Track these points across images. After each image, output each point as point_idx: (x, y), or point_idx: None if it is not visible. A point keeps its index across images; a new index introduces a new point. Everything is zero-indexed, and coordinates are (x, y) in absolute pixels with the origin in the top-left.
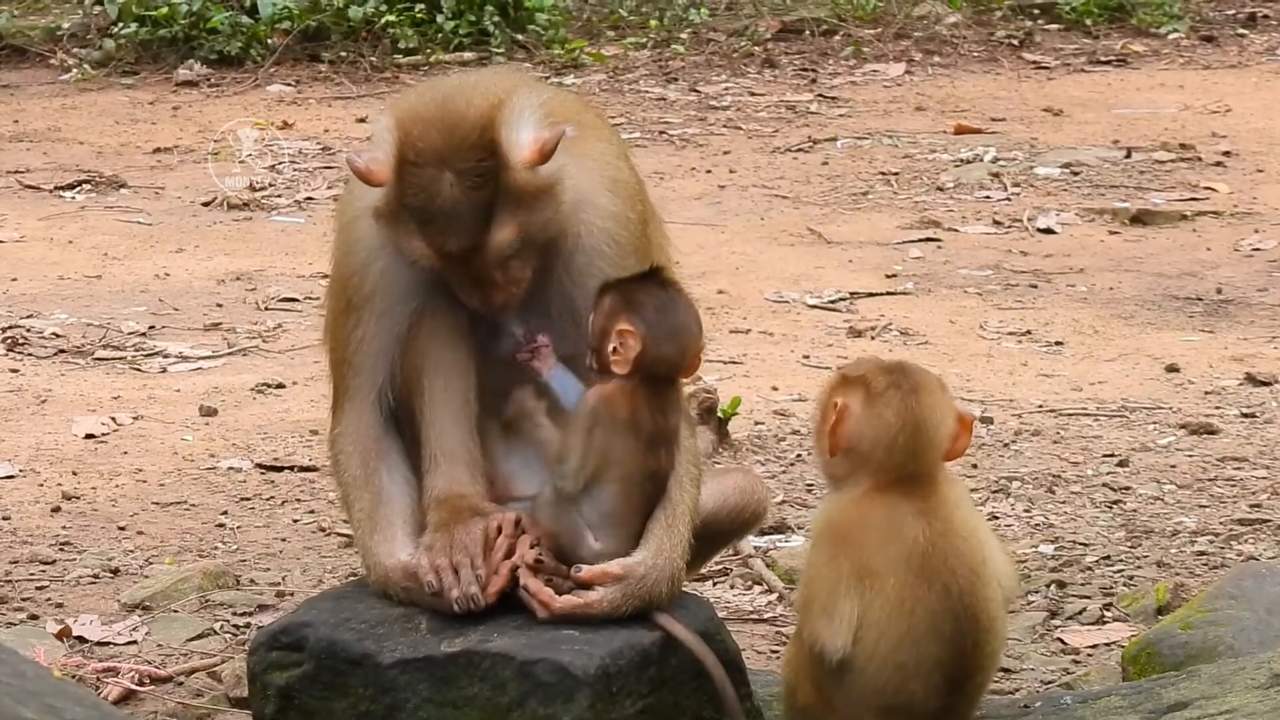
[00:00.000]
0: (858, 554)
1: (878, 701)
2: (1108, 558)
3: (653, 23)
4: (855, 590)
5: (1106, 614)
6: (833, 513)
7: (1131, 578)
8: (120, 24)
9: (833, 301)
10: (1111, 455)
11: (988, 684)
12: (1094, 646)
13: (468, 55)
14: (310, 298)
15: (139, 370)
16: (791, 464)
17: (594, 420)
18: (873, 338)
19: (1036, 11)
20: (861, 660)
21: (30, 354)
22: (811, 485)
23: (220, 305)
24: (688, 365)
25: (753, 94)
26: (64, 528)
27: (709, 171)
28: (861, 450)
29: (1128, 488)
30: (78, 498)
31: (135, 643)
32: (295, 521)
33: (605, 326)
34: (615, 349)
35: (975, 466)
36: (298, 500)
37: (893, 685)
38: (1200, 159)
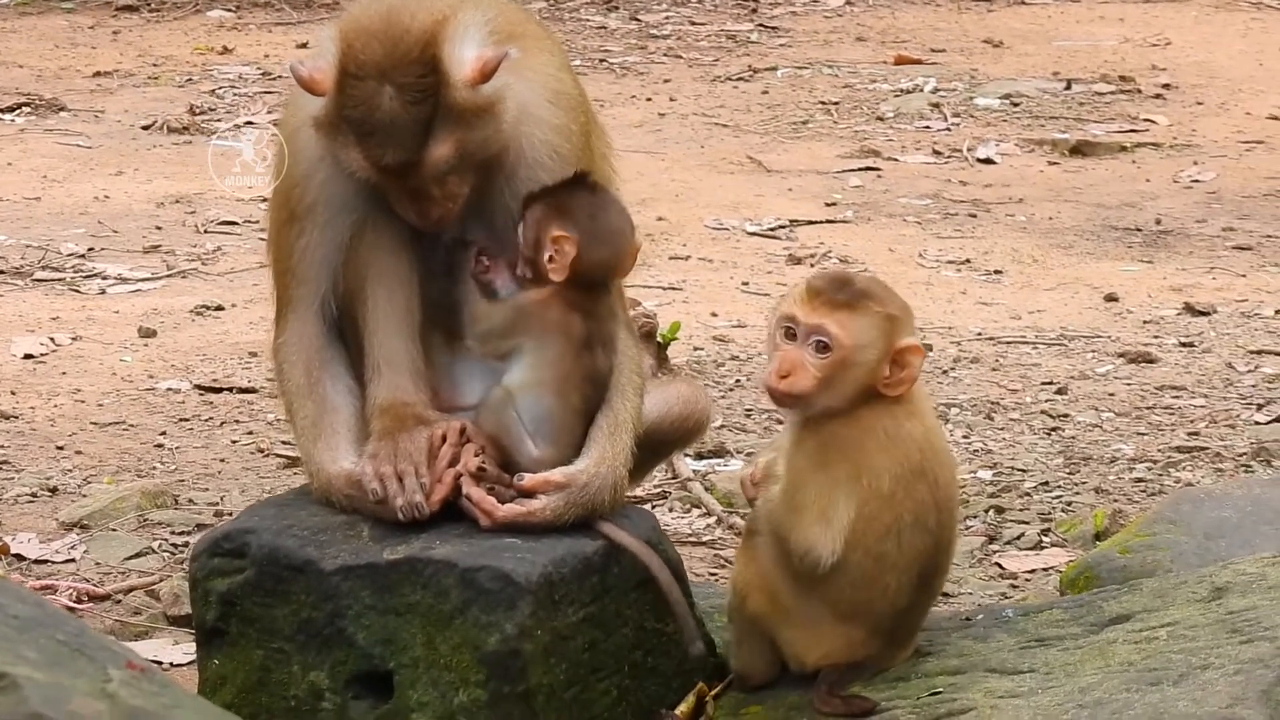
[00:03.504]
0: (855, 458)
1: (847, 598)
2: (1046, 484)
3: None
4: (853, 494)
5: (1044, 539)
6: (822, 424)
7: (1069, 504)
8: None
9: (772, 229)
10: (1050, 383)
11: (945, 580)
12: (1032, 571)
13: None
14: (250, 221)
15: (78, 291)
16: (730, 389)
17: (520, 317)
18: (812, 265)
19: None
20: (844, 552)
21: None
22: (750, 410)
23: (159, 228)
24: (622, 266)
25: (693, 23)
26: (2, 446)
27: (649, 100)
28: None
29: (1066, 415)
30: (16, 417)
31: (73, 561)
32: (234, 442)
33: (539, 235)
34: (551, 256)
35: None
36: (236, 421)
37: (869, 578)
38: (1140, 91)
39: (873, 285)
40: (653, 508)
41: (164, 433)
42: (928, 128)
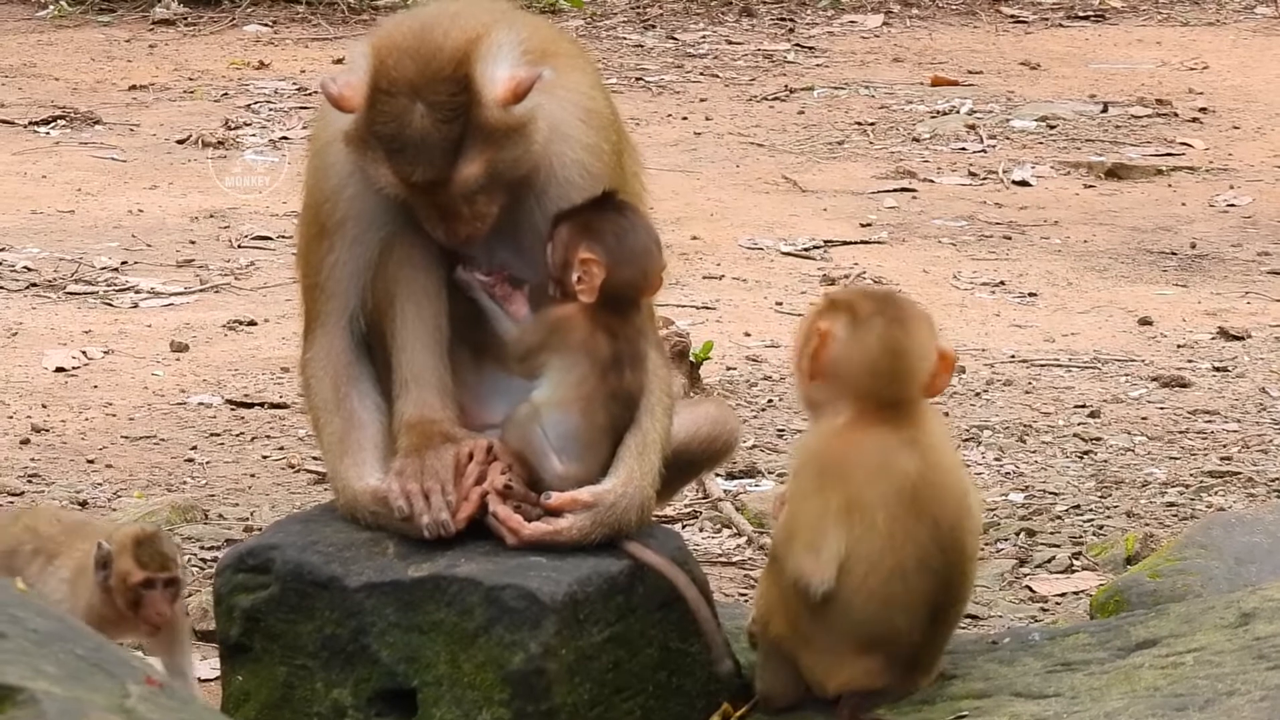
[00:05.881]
0: (846, 487)
1: (860, 633)
2: (1077, 507)
3: None
4: (843, 524)
5: (1075, 563)
6: (818, 445)
7: (1101, 527)
8: None
9: (807, 249)
10: (1083, 406)
11: (964, 613)
12: (1062, 595)
13: None
14: (283, 236)
15: (110, 305)
16: (763, 409)
17: (548, 334)
18: (846, 285)
19: None
20: (848, 594)
21: (2, 287)
22: (783, 430)
23: (193, 242)
24: (650, 286)
25: (730, 42)
26: (33, 460)
27: (685, 119)
28: (842, 376)
29: (1098, 438)
30: (47, 430)
31: None
32: (264, 458)
33: (566, 257)
34: (580, 278)
35: (947, 414)
36: (267, 436)
37: (878, 618)
38: (1177, 115)
39: (878, 292)
40: (683, 527)
41: (195, 447)
42: (963, 149)
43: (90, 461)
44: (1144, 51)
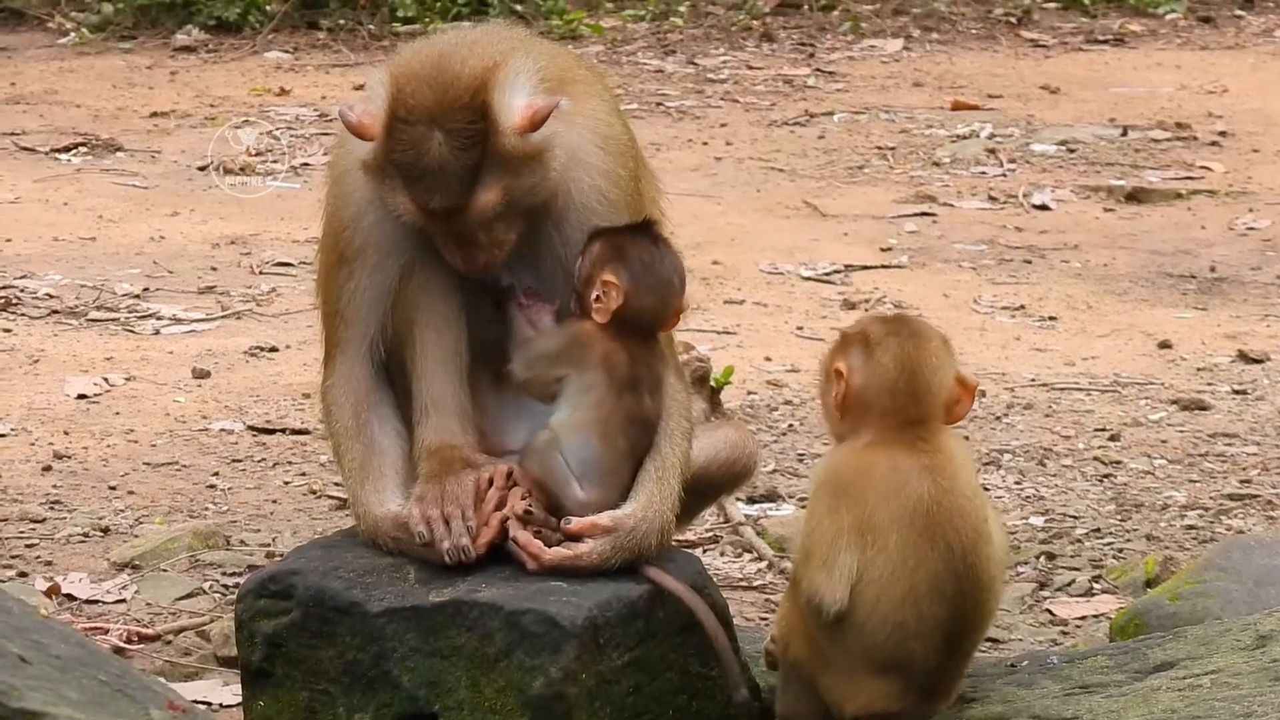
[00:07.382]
0: (859, 507)
1: (875, 658)
2: (1097, 530)
3: None
4: (856, 544)
5: (1095, 586)
6: (835, 464)
7: (1121, 550)
8: None
9: (827, 274)
10: (1103, 429)
11: (982, 640)
12: (1082, 618)
13: (466, 25)
14: (304, 262)
15: (132, 332)
16: (783, 433)
17: (566, 344)
18: (866, 310)
19: None
20: (861, 617)
21: (24, 314)
22: (803, 455)
23: (214, 269)
24: (667, 319)
25: (750, 67)
26: (55, 486)
27: (705, 143)
28: (867, 404)
29: (1119, 462)
30: (69, 457)
31: (124, 601)
32: (286, 484)
33: (590, 274)
34: (598, 297)
35: (967, 438)
36: (289, 463)
37: (892, 643)
38: (1196, 138)
39: (890, 316)
40: (704, 552)
41: (216, 473)
42: (984, 173)
43: (112, 488)
44: (1163, 75)
